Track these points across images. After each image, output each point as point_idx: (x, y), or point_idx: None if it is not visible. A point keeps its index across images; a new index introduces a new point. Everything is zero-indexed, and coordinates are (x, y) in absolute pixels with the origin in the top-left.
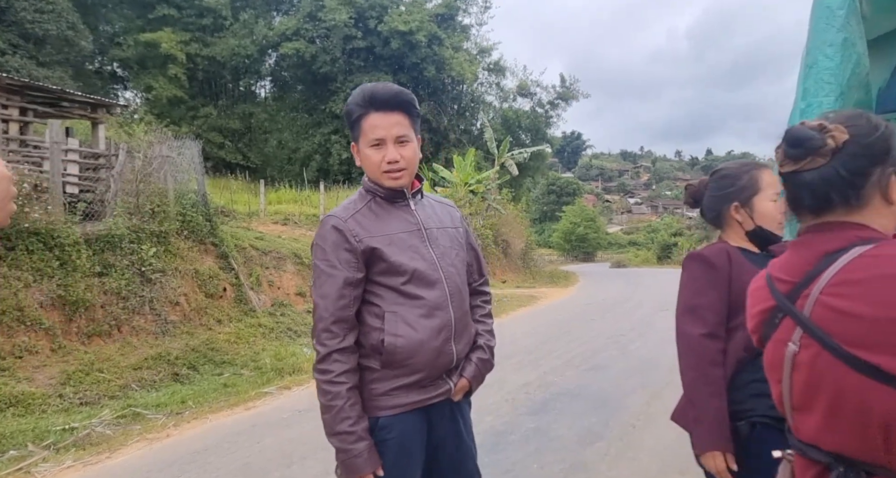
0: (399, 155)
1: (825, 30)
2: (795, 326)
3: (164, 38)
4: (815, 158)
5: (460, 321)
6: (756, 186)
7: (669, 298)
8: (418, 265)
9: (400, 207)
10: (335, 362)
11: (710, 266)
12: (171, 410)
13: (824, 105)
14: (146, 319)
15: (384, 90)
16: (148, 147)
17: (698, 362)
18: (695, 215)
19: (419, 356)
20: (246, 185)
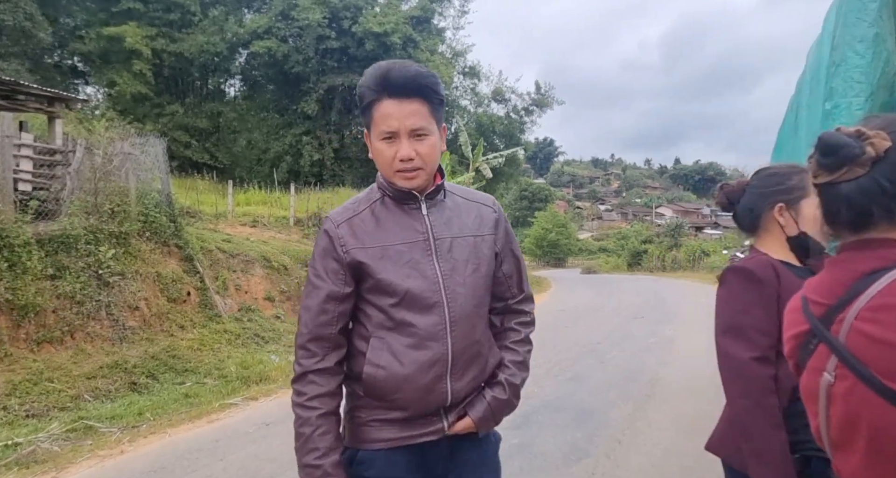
0: (414, 151)
1: (856, 24)
2: (830, 354)
3: (128, 32)
4: (852, 168)
5: (463, 354)
6: (807, 188)
7: (642, 306)
8: (413, 285)
9: (409, 211)
10: (309, 383)
11: (756, 281)
12: (126, 422)
13: (854, 106)
14: (102, 325)
15: (400, 72)
16: (109, 144)
17: (750, 389)
18: (663, 223)
19: (402, 393)
20: (213, 185)
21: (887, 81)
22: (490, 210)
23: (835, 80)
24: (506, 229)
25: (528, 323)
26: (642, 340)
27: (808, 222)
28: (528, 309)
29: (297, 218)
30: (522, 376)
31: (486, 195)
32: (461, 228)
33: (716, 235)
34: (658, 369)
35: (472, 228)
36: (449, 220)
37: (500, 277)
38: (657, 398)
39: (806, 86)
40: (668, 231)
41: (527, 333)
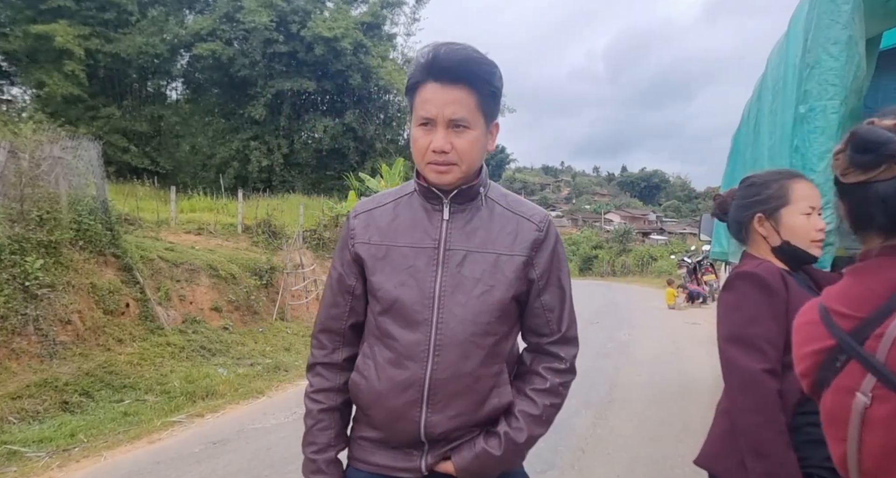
0: (450, 144)
1: (829, 26)
2: (865, 373)
3: (58, 30)
4: (892, 166)
5: (446, 384)
6: (785, 196)
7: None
8: (403, 295)
9: (431, 212)
10: (317, 375)
11: (767, 289)
12: (56, 445)
13: (829, 109)
14: (29, 341)
15: (448, 53)
16: (36, 147)
17: (763, 404)
18: (612, 229)
19: (374, 411)
20: (154, 191)
21: (857, 86)
22: (532, 227)
23: (809, 83)
24: (552, 254)
25: (562, 371)
26: (599, 345)
27: (790, 231)
28: (565, 354)
29: (245, 225)
30: (532, 434)
31: (538, 210)
32: (485, 242)
33: (662, 241)
34: (616, 374)
35: (500, 243)
36: (473, 229)
37: (538, 308)
38: (618, 404)
39: (767, 91)
40: (616, 237)
41: (556, 382)
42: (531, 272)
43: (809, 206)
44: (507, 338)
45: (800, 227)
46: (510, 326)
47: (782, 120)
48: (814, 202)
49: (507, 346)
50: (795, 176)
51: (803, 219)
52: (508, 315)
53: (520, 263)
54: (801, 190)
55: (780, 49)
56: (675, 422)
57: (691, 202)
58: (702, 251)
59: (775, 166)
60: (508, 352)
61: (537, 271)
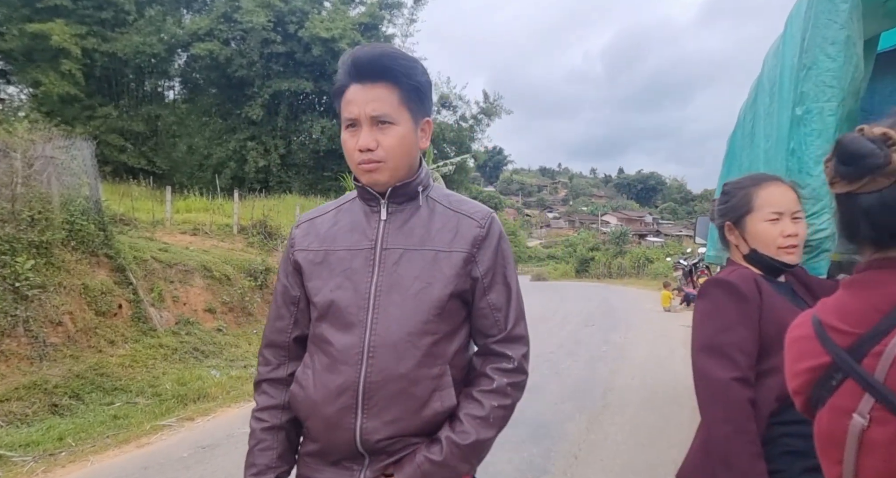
0: (375, 141)
1: (827, 26)
2: (863, 393)
3: (55, 29)
4: (875, 179)
5: (381, 388)
6: (748, 204)
7: (593, 313)
8: (339, 297)
9: (369, 214)
10: (262, 393)
11: (740, 296)
12: (43, 450)
13: (826, 111)
14: (19, 343)
15: (364, 53)
16: (29, 147)
17: (732, 414)
18: (609, 231)
19: (311, 421)
20: (150, 191)
21: (855, 88)
22: (473, 224)
23: (806, 84)
24: (496, 251)
25: (510, 371)
26: (594, 348)
27: (755, 239)
28: (512, 353)
29: (241, 226)
30: (479, 437)
31: (481, 208)
32: (423, 240)
33: (658, 243)
34: (611, 378)
35: (439, 241)
36: (412, 228)
37: (485, 308)
38: (612, 409)
39: (764, 92)
40: (613, 239)
41: (503, 383)
42: (474, 270)
43: (774, 212)
44: (449, 339)
45: (763, 234)
46: (453, 326)
47: (778, 122)
48: (781, 208)
49: (449, 347)
50: (765, 181)
51: (767, 226)
52: (450, 314)
53: (459, 259)
54: (766, 196)
55: (776, 50)
56: (670, 428)
57: (688, 205)
58: (697, 254)
59: (771, 169)
60: (454, 354)
61: (481, 269)
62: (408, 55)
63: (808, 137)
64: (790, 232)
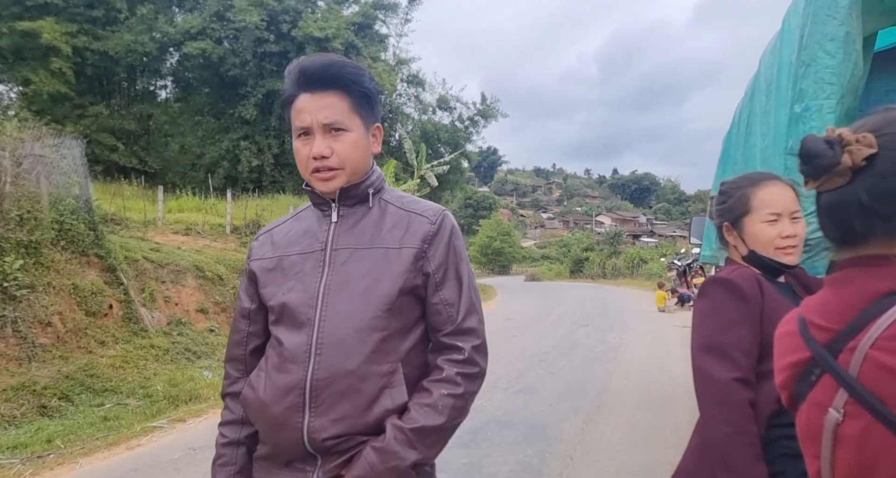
0: (329, 149)
1: (826, 22)
2: (838, 388)
3: (45, 27)
4: (831, 178)
5: (328, 385)
6: (745, 205)
7: (587, 313)
8: (290, 299)
9: (321, 219)
10: (224, 408)
11: (741, 296)
12: (31, 452)
13: (825, 108)
14: (7, 343)
15: (312, 62)
16: (17, 145)
17: (732, 415)
18: (603, 232)
19: (260, 423)
20: (142, 191)
21: (854, 85)
22: (425, 221)
23: (804, 81)
24: (447, 246)
25: (461, 361)
26: (589, 348)
27: (754, 240)
28: (463, 344)
29: (234, 225)
30: (426, 423)
31: (432, 206)
32: (373, 239)
33: (652, 243)
34: (606, 378)
35: (389, 239)
36: (362, 228)
37: (437, 303)
38: (607, 410)
39: (760, 91)
40: (607, 239)
41: (453, 372)
42: (426, 266)
43: (772, 213)
44: (402, 336)
45: (761, 235)
46: (405, 323)
47: (776, 120)
48: (779, 208)
49: (402, 344)
50: (762, 181)
51: (765, 227)
52: (400, 311)
53: (409, 255)
54: (764, 197)
55: (773, 47)
56: (666, 428)
57: (681, 205)
58: (691, 254)
59: (768, 168)
60: (407, 352)
61: (433, 265)
62: (355, 63)
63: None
64: (789, 233)
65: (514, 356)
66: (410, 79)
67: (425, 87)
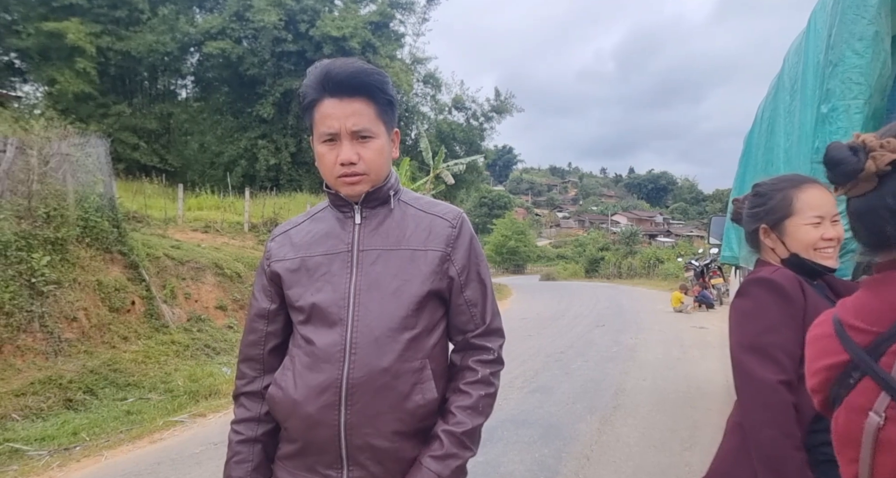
0: (356, 154)
1: (854, 21)
2: (879, 391)
3: (70, 28)
4: (858, 184)
5: (364, 384)
6: (788, 207)
7: (603, 313)
8: (319, 299)
9: (343, 221)
10: (239, 406)
11: (785, 297)
12: (58, 444)
13: (853, 109)
14: (35, 338)
15: (341, 68)
16: (45, 144)
17: (778, 418)
18: (619, 231)
19: (291, 421)
20: (163, 189)
21: (882, 85)
22: (445, 224)
23: (832, 81)
24: (469, 249)
25: (491, 362)
26: (605, 349)
27: (796, 243)
28: (492, 345)
29: (251, 223)
30: (473, 424)
31: (451, 208)
32: (398, 241)
33: (668, 243)
34: (622, 379)
35: (414, 241)
36: (387, 231)
37: (462, 304)
38: (623, 410)
39: (784, 90)
40: (623, 239)
41: (487, 372)
42: (450, 269)
43: (816, 216)
44: (428, 333)
45: (805, 237)
46: (431, 321)
47: (801, 120)
48: (822, 211)
49: (428, 342)
50: (804, 183)
51: (809, 229)
52: (428, 310)
53: (435, 257)
54: (807, 199)
55: (798, 46)
56: (683, 430)
57: (699, 205)
58: (709, 254)
59: (792, 169)
60: (432, 348)
61: (456, 267)
62: (380, 70)
63: (835, 136)
64: (830, 235)
65: (530, 356)
66: (427, 79)
67: (441, 89)
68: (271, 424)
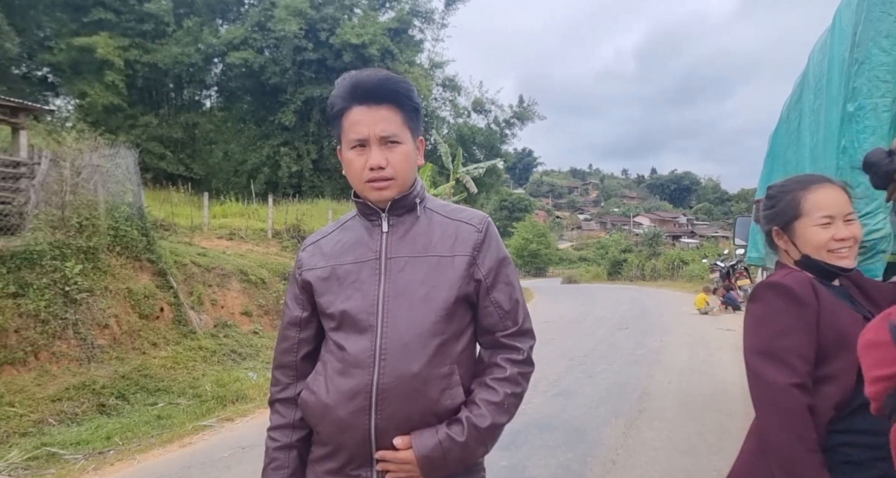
0: (385, 159)
1: (881, 19)
2: None
3: (100, 42)
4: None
5: (395, 388)
6: (796, 209)
7: (627, 316)
8: (349, 306)
9: (371, 228)
10: (274, 413)
11: (797, 300)
12: (93, 448)
13: (881, 107)
14: (69, 344)
15: (369, 77)
16: (77, 156)
17: (792, 421)
18: (642, 233)
19: (323, 425)
20: (188, 197)
21: None
22: (472, 229)
23: (858, 79)
24: (495, 252)
25: (521, 362)
26: (629, 352)
27: (806, 244)
28: (522, 345)
29: (275, 230)
30: (494, 421)
31: (476, 213)
32: (426, 247)
33: (693, 244)
34: (647, 382)
35: (441, 247)
36: (413, 237)
37: (489, 306)
38: (649, 414)
39: (809, 89)
40: (646, 240)
41: (515, 371)
42: (476, 272)
43: (825, 216)
44: (456, 338)
45: (814, 238)
46: (459, 327)
47: (826, 119)
48: (832, 211)
49: (456, 347)
50: (812, 184)
51: (818, 230)
52: (456, 316)
53: (463, 263)
54: (815, 200)
55: (822, 44)
56: (710, 434)
57: (724, 205)
58: (735, 255)
59: (818, 168)
60: (460, 353)
61: (483, 271)
62: (405, 79)
63: (861, 135)
64: (843, 235)
65: (553, 359)
66: (446, 83)
67: (460, 93)
68: (306, 430)
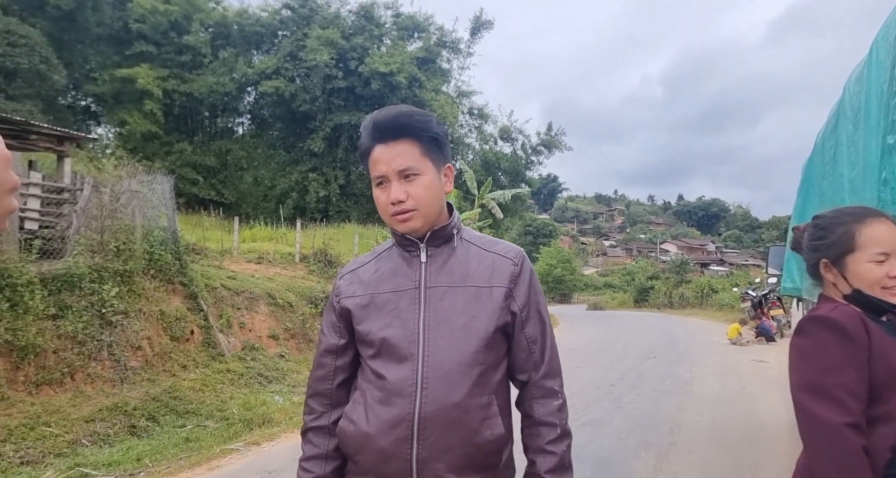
0: (405, 192)
1: None
2: None
3: (140, 73)
4: None
5: (437, 418)
6: (850, 242)
7: (655, 344)
8: (389, 334)
9: (409, 259)
10: (307, 443)
11: (847, 336)
12: (124, 470)
13: None
14: (103, 366)
15: (384, 115)
16: (116, 182)
17: (847, 463)
18: (668, 260)
19: (363, 455)
20: (219, 222)
21: None
22: (508, 262)
23: None
24: (529, 286)
25: (562, 406)
26: (658, 382)
27: (859, 279)
28: (556, 387)
29: (302, 254)
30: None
31: (512, 247)
32: (464, 277)
33: (722, 272)
34: (678, 414)
35: (479, 278)
36: (451, 268)
37: (522, 341)
38: (680, 447)
39: (846, 119)
40: (673, 267)
41: (563, 422)
42: (513, 305)
43: (880, 252)
44: (494, 369)
45: (868, 275)
46: (497, 357)
47: (865, 150)
48: (887, 247)
49: (495, 377)
50: (868, 217)
51: (872, 267)
52: (494, 346)
53: (500, 294)
54: (871, 235)
55: (860, 75)
56: (744, 469)
57: (754, 232)
58: (767, 284)
59: (858, 199)
60: (497, 384)
61: (518, 304)
62: (422, 111)
63: None
64: None
65: (579, 388)
66: (474, 112)
67: (487, 121)
68: (339, 460)
